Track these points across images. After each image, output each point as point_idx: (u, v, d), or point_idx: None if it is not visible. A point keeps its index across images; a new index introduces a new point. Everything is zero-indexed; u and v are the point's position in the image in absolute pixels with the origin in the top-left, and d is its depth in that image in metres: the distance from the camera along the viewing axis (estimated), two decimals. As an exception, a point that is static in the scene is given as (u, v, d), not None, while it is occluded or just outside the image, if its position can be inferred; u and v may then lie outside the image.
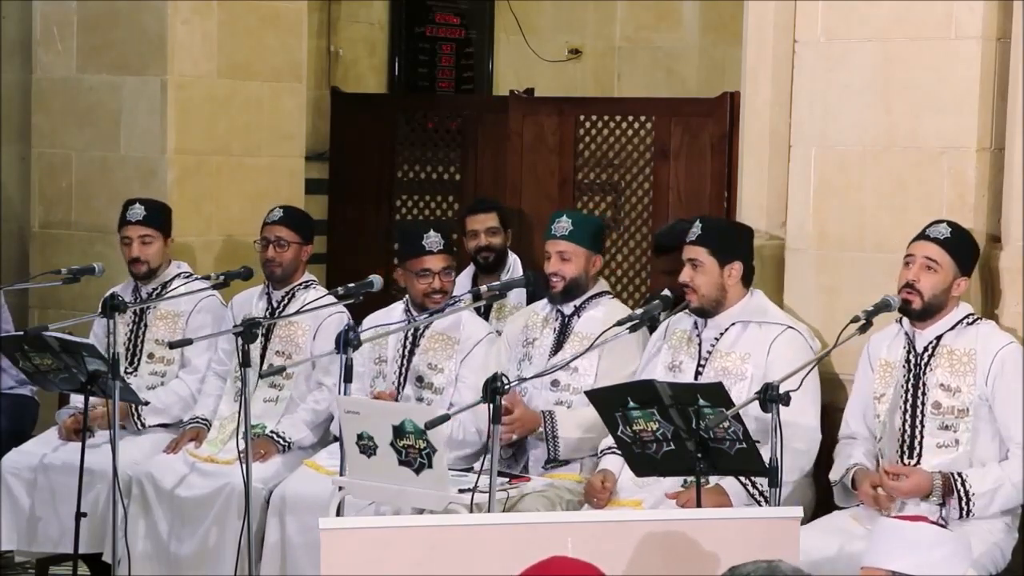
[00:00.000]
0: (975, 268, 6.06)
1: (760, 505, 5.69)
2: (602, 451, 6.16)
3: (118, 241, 7.39)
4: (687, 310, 6.16)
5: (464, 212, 8.08)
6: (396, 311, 6.82)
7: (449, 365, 6.65)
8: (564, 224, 6.51)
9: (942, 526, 4.94)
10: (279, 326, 7.03)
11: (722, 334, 6.09)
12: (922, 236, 5.78)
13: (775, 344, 6.01)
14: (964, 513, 5.56)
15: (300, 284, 7.15)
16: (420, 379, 6.67)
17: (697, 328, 6.15)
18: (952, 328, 5.77)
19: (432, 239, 6.70)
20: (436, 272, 6.67)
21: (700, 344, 6.12)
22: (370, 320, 6.87)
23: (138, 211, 7.29)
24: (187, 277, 7.33)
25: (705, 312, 6.09)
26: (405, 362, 6.72)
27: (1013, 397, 5.67)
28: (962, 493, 5.57)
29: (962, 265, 5.78)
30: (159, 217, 7.32)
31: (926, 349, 5.79)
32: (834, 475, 5.90)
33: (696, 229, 6.10)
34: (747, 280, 6.16)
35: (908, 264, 5.77)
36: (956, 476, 5.59)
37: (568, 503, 6.19)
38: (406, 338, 6.74)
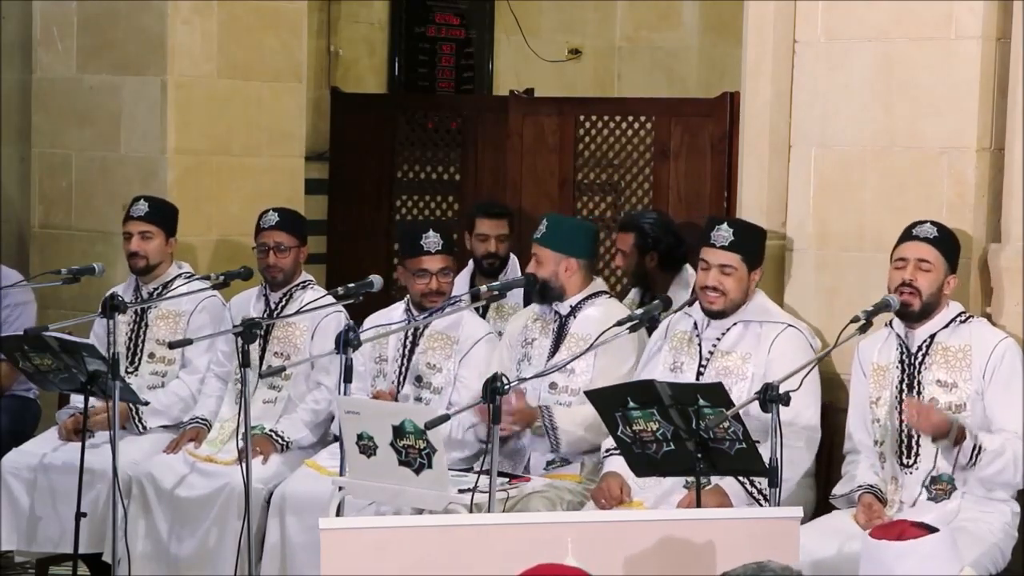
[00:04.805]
0: (974, 267, 6.07)
1: (760, 505, 5.69)
2: (607, 451, 6.11)
3: (122, 237, 7.39)
4: (686, 310, 6.16)
5: (476, 211, 8.01)
6: (397, 310, 6.82)
7: (448, 365, 6.65)
8: (540, 227, 6.52)
9: (925, 527, 4.91)
10: (277, 327, 7.02)
11: (723, 334, 6.08)
12: (910, 237, 5.78)
13: (776, 343, 6.00)
14: (972, 461, 5.54)
15: (298, 285, 7.13)
16: (419, 379, 6.66)
17: (697, 329, 6.14)
18: (946, 326, 5.78)
19: (431, 239, 6.69)
20: (433, 273, 6.66)
21: (701, 344, 6.11)
22: (372, 320, 6.87)
23: (141, 207, 7.31)
24: (188, 277, 7.33)
25: (724, 314, 6.06)
26: (405, 361, 6.72)
27: (1004, 389, 5.68)
28: (976, 443, 5.55)
29: (951, 263, 5.79)
30: (161, 215, 7.32)
31: (920, 348, 5.79)
32: (838, 491, 5.89)
33: (727, 234, 6.01)
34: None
35: (900, 267, 5.76)
36: (970, 431, 5.58)
37: (568, 503, 6.18)
38: (406, 337, 6.73)
